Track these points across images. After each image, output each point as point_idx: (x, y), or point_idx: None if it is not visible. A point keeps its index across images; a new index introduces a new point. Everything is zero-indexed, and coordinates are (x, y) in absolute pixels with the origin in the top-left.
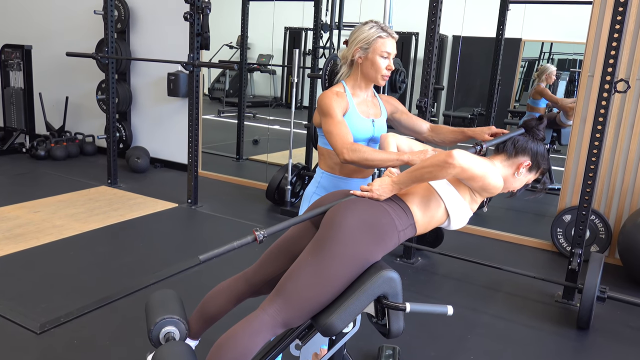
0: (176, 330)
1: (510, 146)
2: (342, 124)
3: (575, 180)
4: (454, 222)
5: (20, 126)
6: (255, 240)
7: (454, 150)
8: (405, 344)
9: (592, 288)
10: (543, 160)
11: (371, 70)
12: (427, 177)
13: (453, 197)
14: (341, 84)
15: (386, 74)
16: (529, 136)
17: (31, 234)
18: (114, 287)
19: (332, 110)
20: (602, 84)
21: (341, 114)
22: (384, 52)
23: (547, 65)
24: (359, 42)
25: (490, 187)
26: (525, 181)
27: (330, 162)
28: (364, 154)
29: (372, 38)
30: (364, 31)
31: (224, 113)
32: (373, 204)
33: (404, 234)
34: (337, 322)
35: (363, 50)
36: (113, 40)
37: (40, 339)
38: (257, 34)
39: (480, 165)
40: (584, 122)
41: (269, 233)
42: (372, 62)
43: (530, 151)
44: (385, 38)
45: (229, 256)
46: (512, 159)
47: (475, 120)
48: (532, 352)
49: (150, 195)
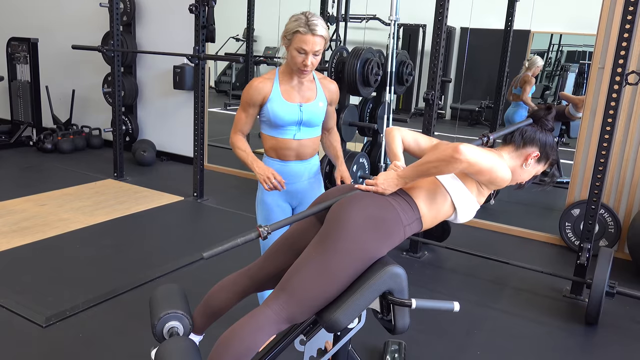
0: (180, 325)
1: (518, 137)
2: (243, 111)
3: (584, 174)
4: (461, 215)
5: (27, 119)
6: (260, 236)
7: (460, 144)
8: (412, 339)
9: (601, 283)
10: (552, 151)
11: (291, 62)
12: (434, 172)
13: (460, 190)
14: (274, 70)
15: (303, 69)
16: (537, 126)
17: (38, 227)
18: (120, 280)
19: (243, 97)
20: (612, 76)
21: (252, 103)
22: (299, 48)
23: (537, 58)
24: (285, 32)
25: (498, 180)
26: (533, 172)
27: (265, 145)
28: (234, 146)
29: (292, 31)
30: (290, 22)
31: (231, 106)
32: (378, 199)
33: (410, 229)
34: (342, 318)
35: (287, 41)
36: (119, 33)
37: (46, 333)
38: (264, 26)
39: (488, 159)
40: (594, 115)
41: (272, 229)
42: (291, 55)
43: (539, 142)
44: (304, 34)
45: (234, 251)
46: (520, 150)
47: (482, 113)
48: (540, 347)
49: (156, 188)
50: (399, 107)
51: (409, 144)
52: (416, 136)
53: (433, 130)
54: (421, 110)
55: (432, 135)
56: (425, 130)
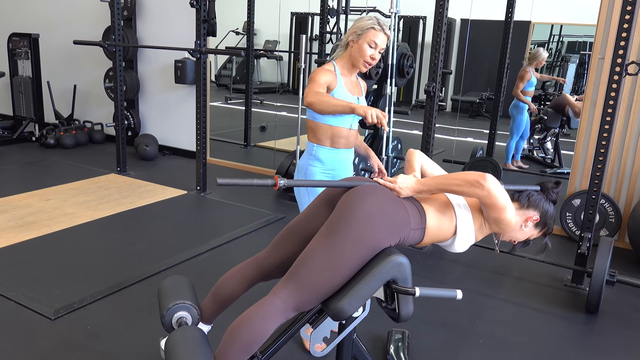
0: (188, 315)
1: (524, 198)
2: (319, 85)
3: (585, 164)
4: (458, 242)
5: (29, 115)
6: (275, 185)
7: (488, 174)
8: (415, 329)
9: (601, 272)
10: (550, 221)
11: (357, 54)
12: (453, 190)
13: (467, 219)
14: (332, 63)
15: (369, 61)
16: (543, 194)
17: (43, 221)
18: (126, 273)
19: (317, 78)
20: (612, 67)
21: (325, 84)
22: (371, 42)
23: (540, 50)
24: (355, 28)
25: (505, 221)
26: (528, 235)
27: (319, 134)
28: (323, 96)
29: (366, 27)
30: (363, 20)
31: (231, 100)
32: (393, 196)
33: (413, 234)
34: (347, 307)
35: (356, 36)
36: (120, 28)
37: (55, 325)
38: (264, 20)
39: (506, 198)
40: (594, 106)
41: (288, 185)
42: (360, 47)
43: (542, 208)
44: (378, 31)
45: (240, 244)
46: (524, 210)
47: (483, 105)
48: (541, 336)
49: (160, 182)
50: (400, 100)
51: (425, 170)
52: (434, 165)
53: (434, 122)
54: (422, 102)
55: (433, 127)
56: (427, 122)
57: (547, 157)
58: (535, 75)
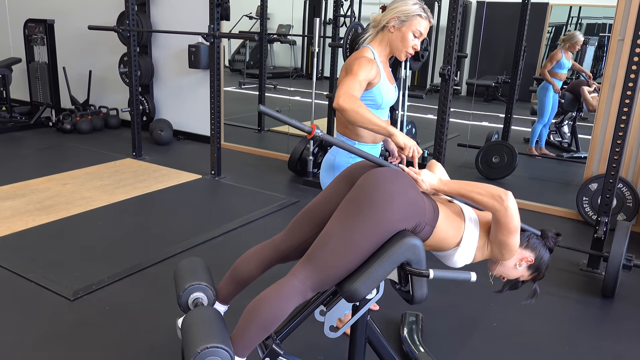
0: (204, 296)
1: (524, 238)
2: (359, 83)
3: (602, 148)
4: (459, 254)
5: (46, 100)
6: (310, 133)
7: (510, 192)
8: (428, 312)
9: (618, 256)
10: (543, 267)
11: (399, 43)
12: (473, 197)
13: (473, 233)
14: (369, 49)
15: (411, 52)
16: (542, 240)
17: (61, 205)
18: (143, 255)
19: (359, 72)
20: (632, 48)
21: (366, 82)
22: (417, 31)
23: (576, 33)
24: (398, 12)
25: (509, 246)
26: (519, 275)
27: (359, 130)
28: (359, 107)
29: (412, 14)
30: (407, 4)
31: (245, 85)
32: (415, 186)
33: (424, 228)
34: (361, 288)
35: (399, 22)
36: (134, 13)
37: (74, 305)
38: (277, 4)
39: (518, 222)
40: (612, 88)
41: (323, 138)
42: (403, 36)
43: (538, 253)
44: (424, 19)
45: (256, 228)
46: (521, 249)
47: (499, 88)
48: (557, 320)
49: (175, 167)
50: (414, 84)
51: None
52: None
53: (449, 106)
54: (437, 86)
55: (448, 111)
56: (441, 106)
57: (564, 141)
58: (567, 57)
